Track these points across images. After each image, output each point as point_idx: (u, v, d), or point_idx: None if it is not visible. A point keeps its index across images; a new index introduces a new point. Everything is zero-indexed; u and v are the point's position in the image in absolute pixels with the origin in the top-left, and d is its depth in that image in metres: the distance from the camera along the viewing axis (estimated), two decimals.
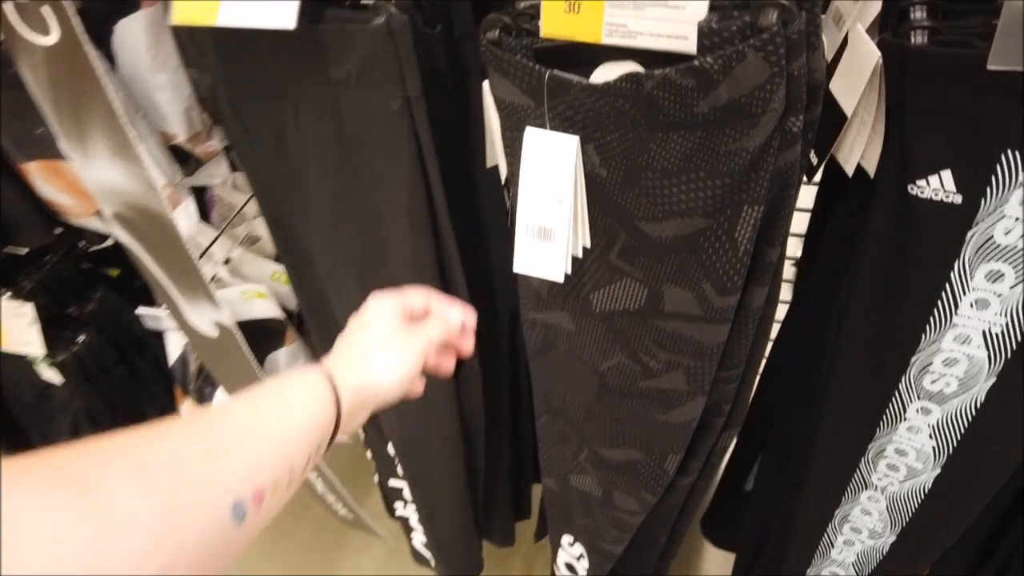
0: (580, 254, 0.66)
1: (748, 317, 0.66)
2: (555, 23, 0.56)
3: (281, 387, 0.47)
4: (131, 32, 0.82)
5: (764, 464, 1.01)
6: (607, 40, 0.55)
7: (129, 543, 0.31)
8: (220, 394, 1.15)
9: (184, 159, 0.96)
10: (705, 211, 0.58)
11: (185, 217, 0.91)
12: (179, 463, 0.36)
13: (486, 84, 0.66)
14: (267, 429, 0.43)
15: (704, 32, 0.50)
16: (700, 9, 0.51)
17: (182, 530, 0.34)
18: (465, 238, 0.78)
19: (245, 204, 1.22)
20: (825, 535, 0.93)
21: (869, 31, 0.58)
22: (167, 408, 1.25)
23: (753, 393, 0.85)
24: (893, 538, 0.88)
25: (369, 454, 1.23)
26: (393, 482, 1.17)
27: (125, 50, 0.83)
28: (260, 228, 1.26)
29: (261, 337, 1.08)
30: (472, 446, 1.04)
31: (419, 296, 0.60)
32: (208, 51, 0.69)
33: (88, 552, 0.30)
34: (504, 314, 0.93)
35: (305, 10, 0.60)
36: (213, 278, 1.14)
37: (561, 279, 0.65)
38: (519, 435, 1.16)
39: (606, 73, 0.57)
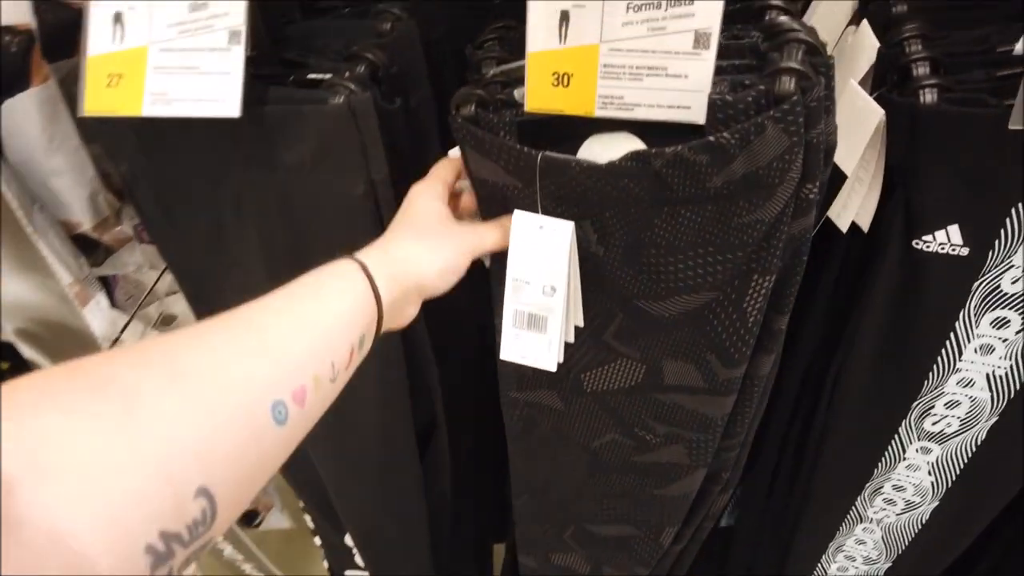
0: (572, 339, 0.61)
1: (754, 386, 0.62)
2: (542, 97, 0.50)
3: (314, 281, 0.45)
4: (20, 113, 0.71)
5: (748, 502, 0.99)
6: (600, 113, 0.50)
7: (169, 451, 0.30)
8: None
9: (91, 247, 0.84)
10: (714, 285, 0.54)
11: (98, 315, 0.80)
12: (216, 366, 0.35)
13: (452, 154, 0.60)
14: (303, 323, 0.41)
15: (717, 105, 0.46)
16: (704, 78, 0.46)
17: (222, 434, 0.33)
18: (432, 320, 0.71)
19: (156, 281, 1.10)
20: (819, 565, 0.92)
21: (861, 85, 0.55)
22: None
23: None
24: (889, 564, 0.87)
25: (318, 541, 1.14)
26: (350, 572, 1.08)
27: (14, 134, 0.71)
28: (175, 306, 1.14)
29: None
30: (439, 527, 0.96)
31: (447, 170, 0.57)
32: (126, 138, 0.59)
33: (128, 464, 0.28)
34: (470, 385, 0.86)
35: (248, 91, 0.52)
36: None
37: (554, 368, 0.59)
38: (480, 498, 1.09)
39: (600, 146, 0.52)
